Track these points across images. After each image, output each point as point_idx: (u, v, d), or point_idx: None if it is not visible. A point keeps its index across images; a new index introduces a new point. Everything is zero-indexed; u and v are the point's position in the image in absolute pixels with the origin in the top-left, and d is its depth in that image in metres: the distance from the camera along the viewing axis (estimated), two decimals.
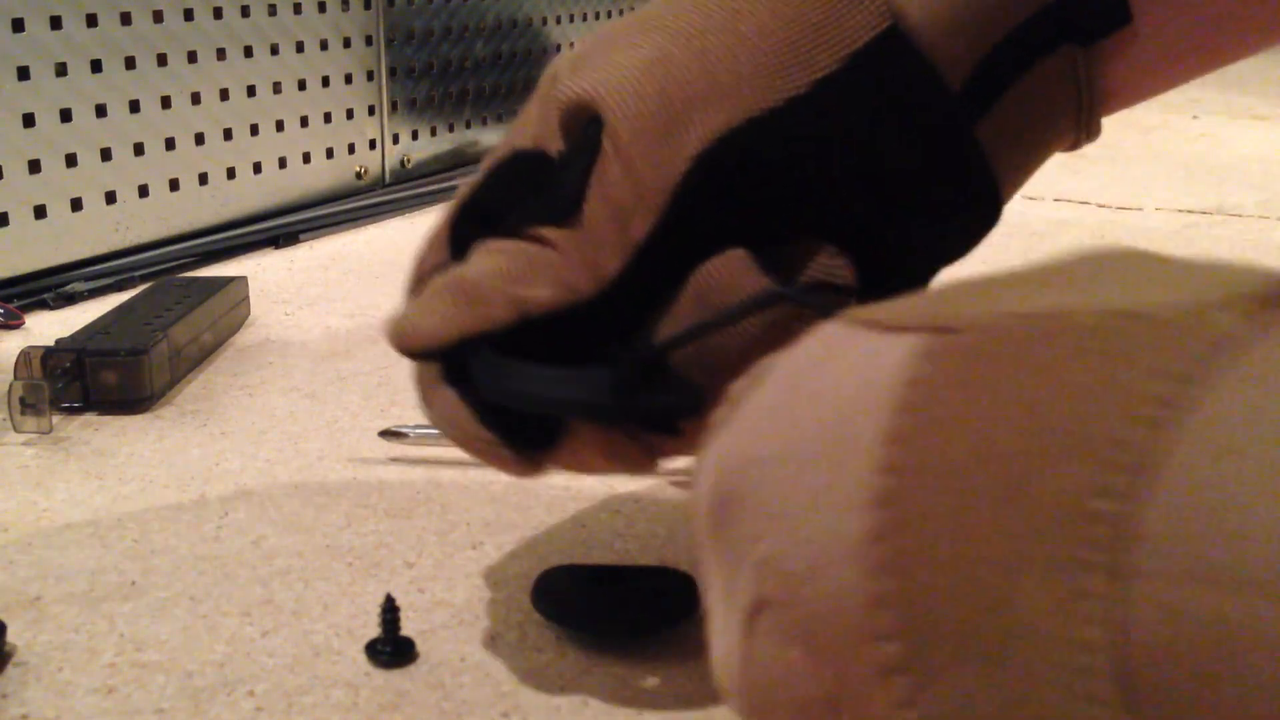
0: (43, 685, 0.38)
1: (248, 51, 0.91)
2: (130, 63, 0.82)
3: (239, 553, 0.46)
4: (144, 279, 0.80)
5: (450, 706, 0.37)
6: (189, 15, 0.86)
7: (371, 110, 1.04)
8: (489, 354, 0.32)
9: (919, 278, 0.33)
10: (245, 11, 0.90)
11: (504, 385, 0.32)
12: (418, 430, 0.54)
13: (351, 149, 1.02)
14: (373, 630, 0.41)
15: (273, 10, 0.93)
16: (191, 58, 0.87)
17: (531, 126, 0.32)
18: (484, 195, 0.33)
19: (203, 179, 0.89)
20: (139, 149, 0.84)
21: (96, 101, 0.80)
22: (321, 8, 0.97)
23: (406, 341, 0.34)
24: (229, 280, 0.71)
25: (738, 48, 0.29)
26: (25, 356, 0.57)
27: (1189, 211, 1.04)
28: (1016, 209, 1.18)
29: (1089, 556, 0.15)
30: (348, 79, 1.01)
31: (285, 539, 0.48)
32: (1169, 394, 0.16)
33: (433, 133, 1.11)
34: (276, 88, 0.94)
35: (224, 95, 0.90)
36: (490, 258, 0.31)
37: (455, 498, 0.51)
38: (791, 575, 0.19)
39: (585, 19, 1.31)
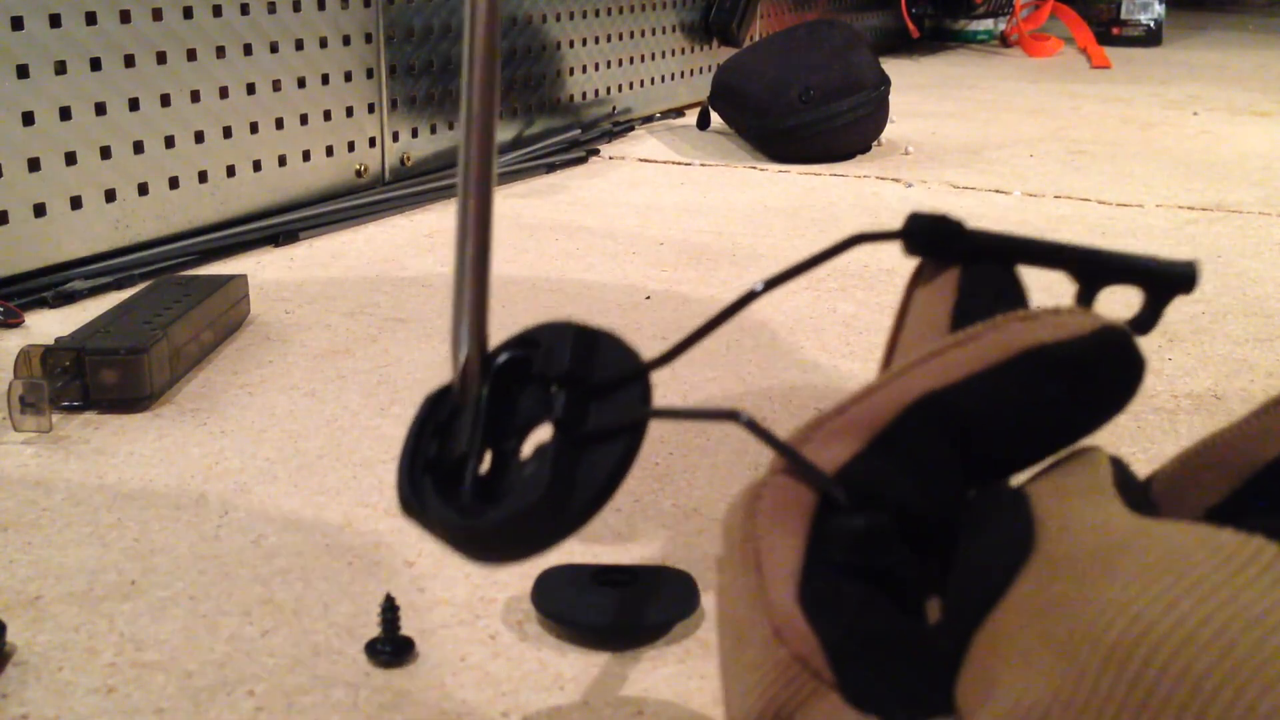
0: (43, 685, 0.38)
1: (247, 49, 0.91)
2: (129, 60, 0.82)
3: (239, 552, 0.46)
4: (144, 277, 0.80)
5: (450, 706, 0.37)
6: (188, 13, 0.86)
7: (371, 108, 1.04)
8: None
9: None
10: (245, 9, 0.90)
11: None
12: None
13: (351, 147, 1.02)
14: (373, 630, 0.41)
15: (272, 8, 0.93)
16: (191, 55, 0.87)
17: None
18: None
19: (202, 177, 0.89)
20: (138, 147, 0.84)
21: (96, 99, 0.80)
22: (321, 5, 0.97)
23: None
24: (229, 278, 0.71)
25: None
26: (25, 355, 0.57)
27: (1189, 208, 1.04)
28: (1018, 206, 1.17)
29: None
30: (347, 77, 1.01)
31: (285, 539, 0.48)
32: None
33: (432, 130, 1.11)
34: (276, 85, 0.94)
35: (223, 93, 0.90)
36: None
37: None
38: None
39: (585, 16, 1.31)
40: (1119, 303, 0.29)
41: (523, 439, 0.30)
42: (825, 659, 0.21)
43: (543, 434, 0.30)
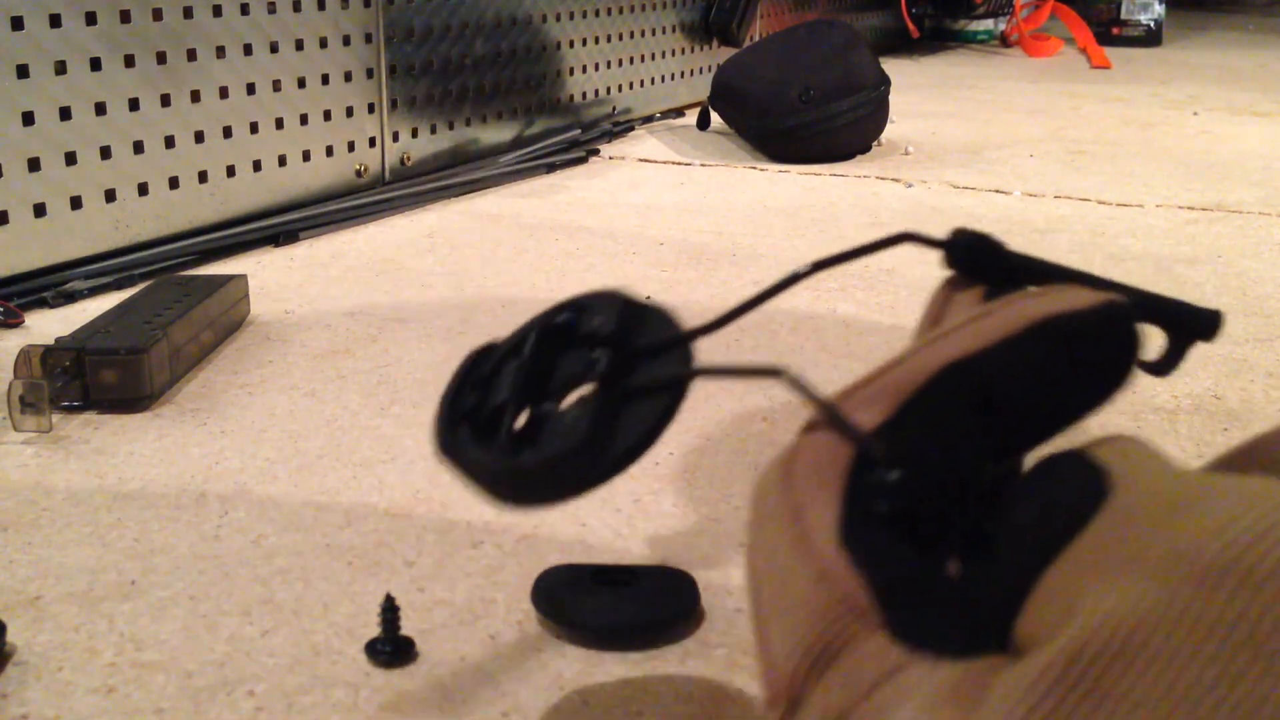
0: (43, 685, 0.38)
1: (247, 49, 0.91)
2: (129, 60, 0.82)
3: (239, 552, 0.46)
4: (144, 277, 0.80)
5: (450, 706, 0.37)
6: (188, 13, 0.86)
7: (371, 108, 1.04)
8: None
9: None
10: (245, 9, 0.90)
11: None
12: None
13: (351, 147, 1.02)
14: (373, 630, 0.41)
15: (272, 8, 0.93)
16: (191, 56, 0.87)
17: None
18: None
19: (202, 177, 0.89)
20: (139, 147, 0.84)
21: (96, 99, 0.80)
22: (321, 5, 0.97)
23: None
24: (229, 278, 0.71)
25: None
26: (25, 355, 0.57)
27: (1189, 208, 1.04)
28: (1018, 206, 1.17)
29: None
30: (347, 77, 1.01)
31: (285, 538, 0.48)
32: None
33: (432, 130, 1.11)
34: (276, 85, 0.94)
35: (223, 93, 0.90)
36: None
37: (455, 497, 0.51)
38: None
39: (585, 15, 1.31)
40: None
41: (563, 397, 0.31)
42: (872, 598, 0.22)
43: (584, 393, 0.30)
